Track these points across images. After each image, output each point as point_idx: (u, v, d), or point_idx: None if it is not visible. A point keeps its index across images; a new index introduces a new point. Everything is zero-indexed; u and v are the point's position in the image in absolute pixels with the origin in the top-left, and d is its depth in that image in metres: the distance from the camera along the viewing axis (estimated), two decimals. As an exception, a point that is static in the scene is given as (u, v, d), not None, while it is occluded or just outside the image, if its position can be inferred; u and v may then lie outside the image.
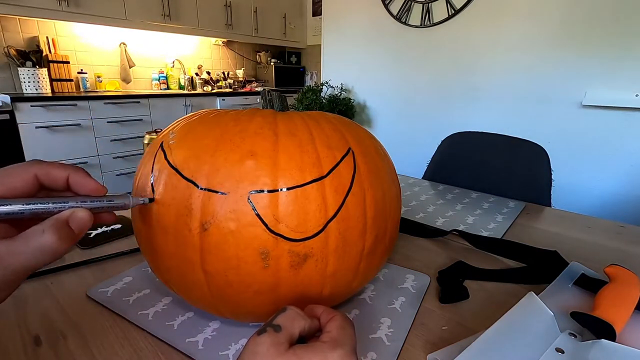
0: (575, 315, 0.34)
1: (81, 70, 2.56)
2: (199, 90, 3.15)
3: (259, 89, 3.44)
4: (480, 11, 1.70)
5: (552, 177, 0.92)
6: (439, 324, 0.38)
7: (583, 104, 1.48)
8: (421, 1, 1.88)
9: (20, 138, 2.00)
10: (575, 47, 1.47)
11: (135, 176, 0.34)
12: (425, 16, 1.88)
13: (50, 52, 2.37)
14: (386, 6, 2.01)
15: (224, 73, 3.52)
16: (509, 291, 0.44)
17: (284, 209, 0.28)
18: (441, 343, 0.34)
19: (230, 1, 3.07)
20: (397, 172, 0.40)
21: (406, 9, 1.94)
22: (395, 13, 1.99)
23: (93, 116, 2.27)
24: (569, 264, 0.46)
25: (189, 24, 2.86)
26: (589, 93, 1.46)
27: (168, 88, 3.10)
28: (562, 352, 0.30)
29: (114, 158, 2.42)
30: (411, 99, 2.06)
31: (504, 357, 0.29)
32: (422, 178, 1.01)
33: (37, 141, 2.06)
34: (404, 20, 1.97)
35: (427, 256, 0.53)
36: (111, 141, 2.38)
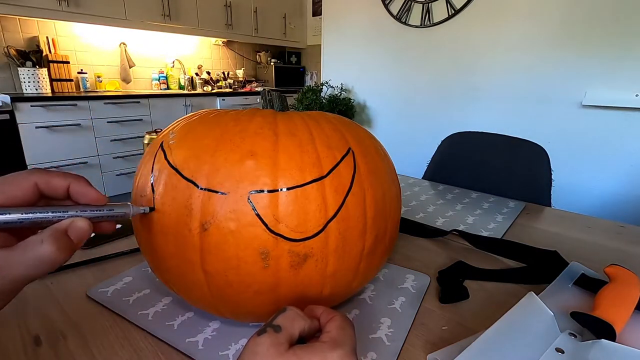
0: (575, 315, 0.34)
1: (81, 70, 2.56)
2: (199, 90, 3.15)
3: (259, 89, 3.44)
4: (480, 11, 1.70)
5: (552, 177, 0.92)
6: (439, 324, 0.38)
7: (583, 104, 1.48)
8: (421, 1, 1.88)
9: (20, 138, 2.00)
10: (575, 47, 1.47)
11: (135, 176, 0.34)
12: (425, 16, 1.88)
13: (50, 52, 2.38)
14: (386, 6, 2.01)
15: (224, 73, 3.52)
16: (509, 291, 0.44)
17: (284, 209, 0.28)
18: (441, 343, 0.34)
19: (230, 1, 3.07)
20: (397, 172, 0.40)
21: (406, 9, 1.94)
22: (395, 13, 1.99)
23: (93, 116, 2.27)
24: (569, 264, 0.46)
25: (189, 24, 2.86)
26: (589, 93, 1.46)
27: (168, 88, 3.10)
28: (562, 352, 0.30)
29: (114, 158, 2.42)
30: (411, 99, 2.06)
31: (504, 357, 0.29)
32: (422, 178, 1.01)
33: (37, 141, 2.06)
34: (404, 20, 1.97)
35: (427, 256, 0.53)
36: (111, 141, 2.38)
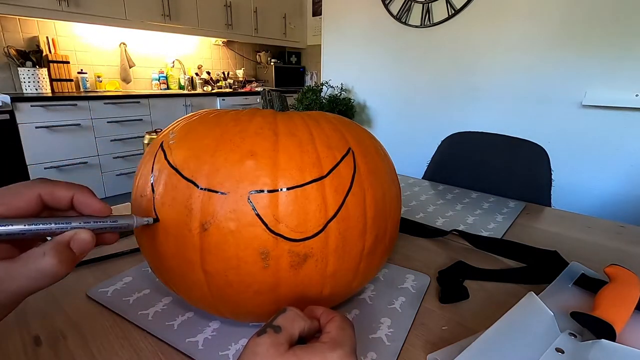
0: (575, 315, 0.34)
1: (81, 70, 2.56)
2: (199, 90, 3.15)
3: (259, 89, 3.44)
4: (480, 11, 1.70)
5: (552, 177, 0.92)
6: (439, 324, 0.38)
7: (583, 104, 1.48)
8: (421, 1, 1.88)
9: (20, 138, 2.00)
10: (575, 47, 1.47)
11: (135, 176, 0.34)
12: (425, 16, 1.88)
13: (50, 52, 2.37)
14: (386, 6, 2.01)
15: (224, 73, 3.52)
16: (509, 291, 0.44)
17: (284, 209, 0.28)
18: (441, 343, 0.34)
19: (230, 1, 3.07)
20: (397, 172, 0.40)
21: (406, 9, 1.94)
22: (395, 13, 1.99)
23: (93, 116, 2.27)
24: (569, 264, 0.46)
25: (189, 24, 2.86)
26: (589, 93, 1.46)
27: (168, 88, 3.10)
28: (562, 352, 0.30)
29: (114, 158, 2.42)
30: (411, 99, 2.06)
31: (504, 357, 0.29)
32: (422, 178, 1.01)
33: (37, 141, 2.06)
34: (404, 20, 1.96)
35: (427, 256, 0.53)
36: (111, 141, 2.38)
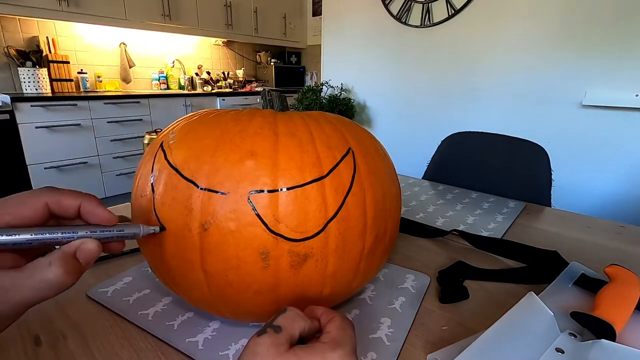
0: (575, 315, 0.34)
1: (81, 70, 2.56)
2: (199, 90, 3.15)
3: (259, 89, 3.44)
4: (480, 11, 1.70)
5: (552, 177, 0.92)
6: (439, 324, 0.38)
7: (583, 104, 1.48)
8: (421, 1, 1.88)
9: (20, 138, 2.00)
10: (575, 47, 1.47)
11: (135, 176, 0.34)
12: (425, 16, 1.88)
13: (50, 52, 2.37)
14: (386, 6, 2.01)
15: (224, 73, 3.52)
16: (509, 291, 0.44)
17: (284, 209, 0.28)
18: (441, 343, 0.34)
19: (230, 1, 3.07)
20: (397, 172, 0.40)
21: (406, 9, 1.94)
22: (395, 13, 1.99)
23: (93, 116, 2.27)
24: (569, 264, 0.46)
25: (189, 24, 2.86)
26: (589, 93, 1.46)
27: (168, 88, 3.10)
28: (562, 352, 0.30)
29: (114, 158, 2.42)
30: (411, 99, 2.06)
31: (504, 357, 0.29)
32: (422, 178, 1.01)
33: (37, 141, 2.06)
34: (404, 20, 1.96)
35: (427, 256, 0.53)
36: (111, 141, 2.38)
